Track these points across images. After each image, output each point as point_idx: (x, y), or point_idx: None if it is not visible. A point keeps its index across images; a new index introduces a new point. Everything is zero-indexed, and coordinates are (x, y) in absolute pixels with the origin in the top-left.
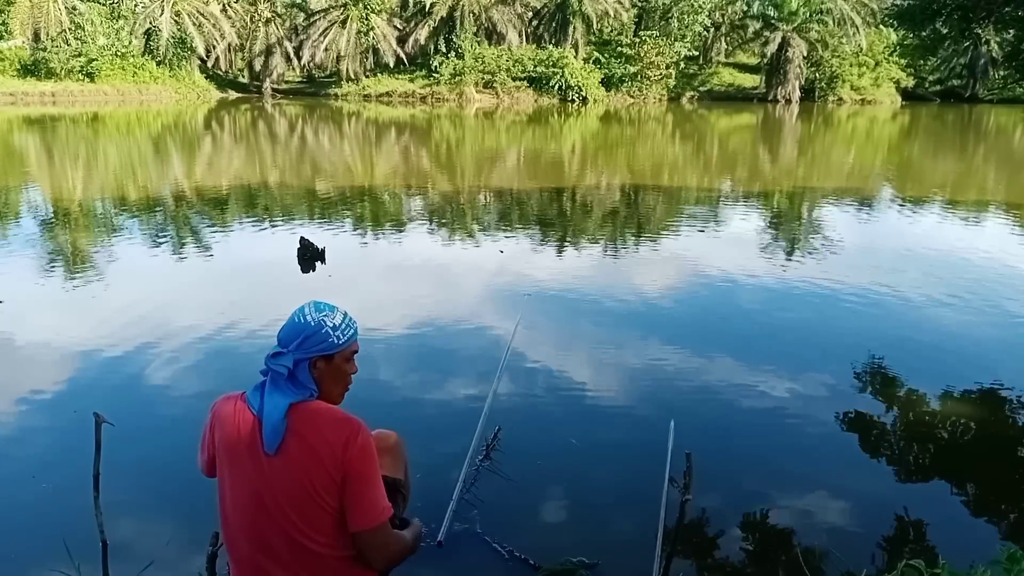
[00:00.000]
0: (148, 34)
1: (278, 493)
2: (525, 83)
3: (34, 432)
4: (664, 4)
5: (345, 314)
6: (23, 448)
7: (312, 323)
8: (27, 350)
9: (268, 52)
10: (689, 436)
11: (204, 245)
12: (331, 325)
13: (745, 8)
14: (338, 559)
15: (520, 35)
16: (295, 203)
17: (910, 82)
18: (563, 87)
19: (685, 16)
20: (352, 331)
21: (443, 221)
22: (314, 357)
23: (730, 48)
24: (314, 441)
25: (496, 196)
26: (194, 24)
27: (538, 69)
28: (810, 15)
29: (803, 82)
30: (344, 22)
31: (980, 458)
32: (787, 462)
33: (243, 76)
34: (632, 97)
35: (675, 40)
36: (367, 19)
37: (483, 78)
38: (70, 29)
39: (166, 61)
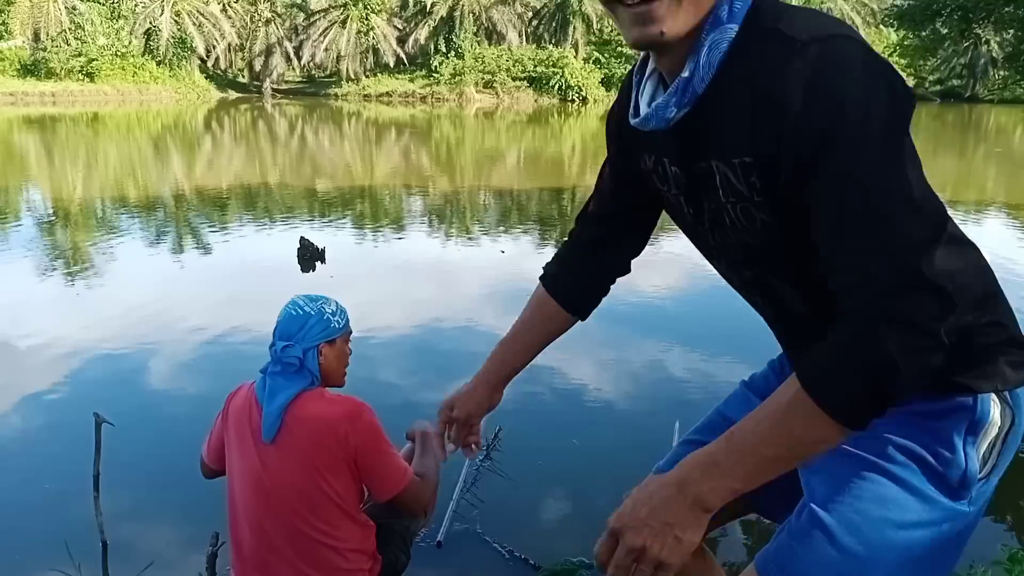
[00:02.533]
0: (148, 34)
1: (280, 479)
2: (525, 83)
3: (34, 432)
4: None
5: (336, 301)
6: (23, 448)
7: (312, 312)
8: (27, 350)
9: (268, 52)
10: None
11: (204, 245)
12: (329, 311)
13: None
14: (335, 549)
15: (520, 35)
16: (295, 203)
17: (910, 82)
18: (563, 87)
19: None
20: (346, 314)
21: (443, 221)
22: (320, 344)
23: None
24: (318, 426)
25: (496, 196)
26: (194, 24)
27: (538, 69)
28: None
29: None
30: (344, 22)
31: None
32: None
33: (243, 76)
34: None
35: None
36: (367, 19)
37: (483, 78)
38: (70, 29)
39: (166, 61)
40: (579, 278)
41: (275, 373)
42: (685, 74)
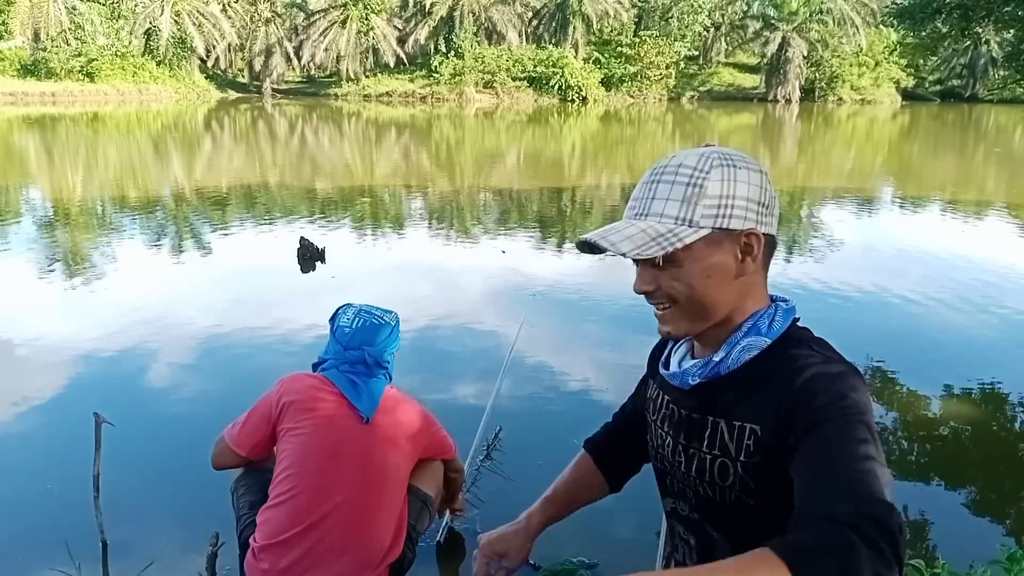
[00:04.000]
0: (148, 34)
1: (358, 458)
2: (525, 83)
3: (34, 432)
4: (664, 4)
5: None
6: (23, 448)
7: (392, 323)
8: (27, 350)
9: (268, 52)
10: None
11: (204, 245)
12: (399, 321)
13: (745, 8)
14: (383, 531)
15: (520, 35)
16: (295, 203)
17: (910, 82)
18: (563, 87)
19: (685, 16)
20: None
21: (444, 221)
22: (396, 350)
23: (730, 48)
24: (400, 417)
25: (497, 196)
26: (194, 24)
27: (538, 69)
28: (810, 15)
29: (803, 82)
30: (344, 22)
31: (980, 458)
32: None
33: (243, 76)
34: (632, 97)
35: (675, 40)
36: (367, 19)
37: (483, 78)
38: (70, 29)
39: (166, 61)
40: (619, 456)
41: (362, 373)
42: (716, 358)
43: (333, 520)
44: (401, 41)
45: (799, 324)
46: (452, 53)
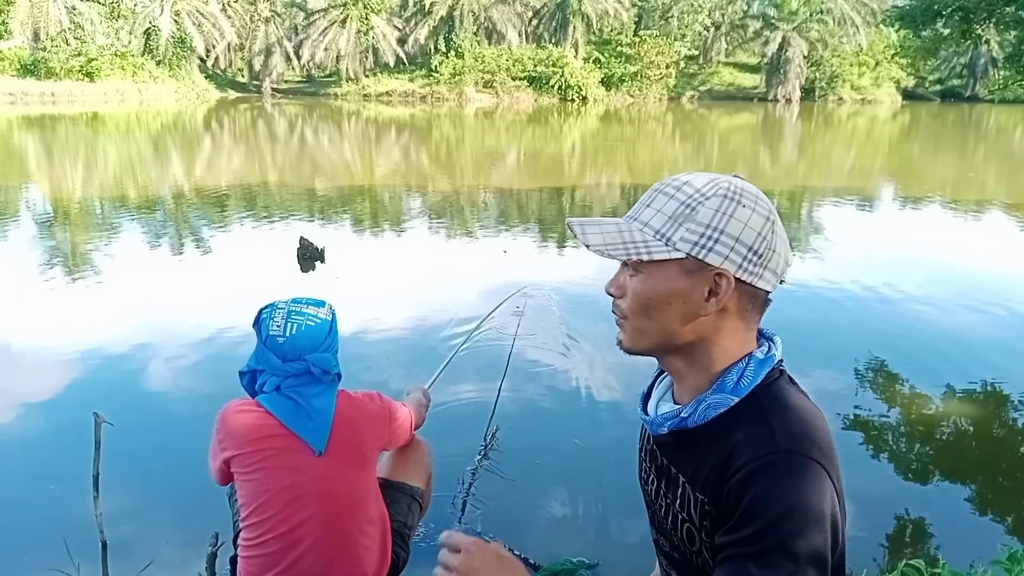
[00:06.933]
0: (148, 33)
1: (320, 495)
2: (525, 83)
3: (34, 432)
4: (664, 4)
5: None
6: (23, 448)
7: (329, 317)
8: (26, 350)
9: (268, 52)
10: None
11: (204, 245)
12: (332, 312)
13: (745, 8)
14: (368, 549)
15: (520, 35)
16: (295, 203)
17: (910, 82)
18: (563, 87)
19: (685, 16)
20: None
21: (444, 221)
22: (337, 347)
23: (730, 48)
24: (362, 423)
25: (497, 196)
26: (194, 23)
27: (538, 69)
28: (810, 15)
29: (803, 82)
30: (344, 22)
31: (980, 458)
32: None
33: (243, 76)
34: (632, 96)
35: (675, 40)
36: (367, 19)
37: (483, 78)
38: (70, 29)
39: (166, 61)
40: None
41: (305, 384)
42: (684, 413)
43: (309, 561)
44: (401, 41)
45: (779, 370)
46: (452, 53)
